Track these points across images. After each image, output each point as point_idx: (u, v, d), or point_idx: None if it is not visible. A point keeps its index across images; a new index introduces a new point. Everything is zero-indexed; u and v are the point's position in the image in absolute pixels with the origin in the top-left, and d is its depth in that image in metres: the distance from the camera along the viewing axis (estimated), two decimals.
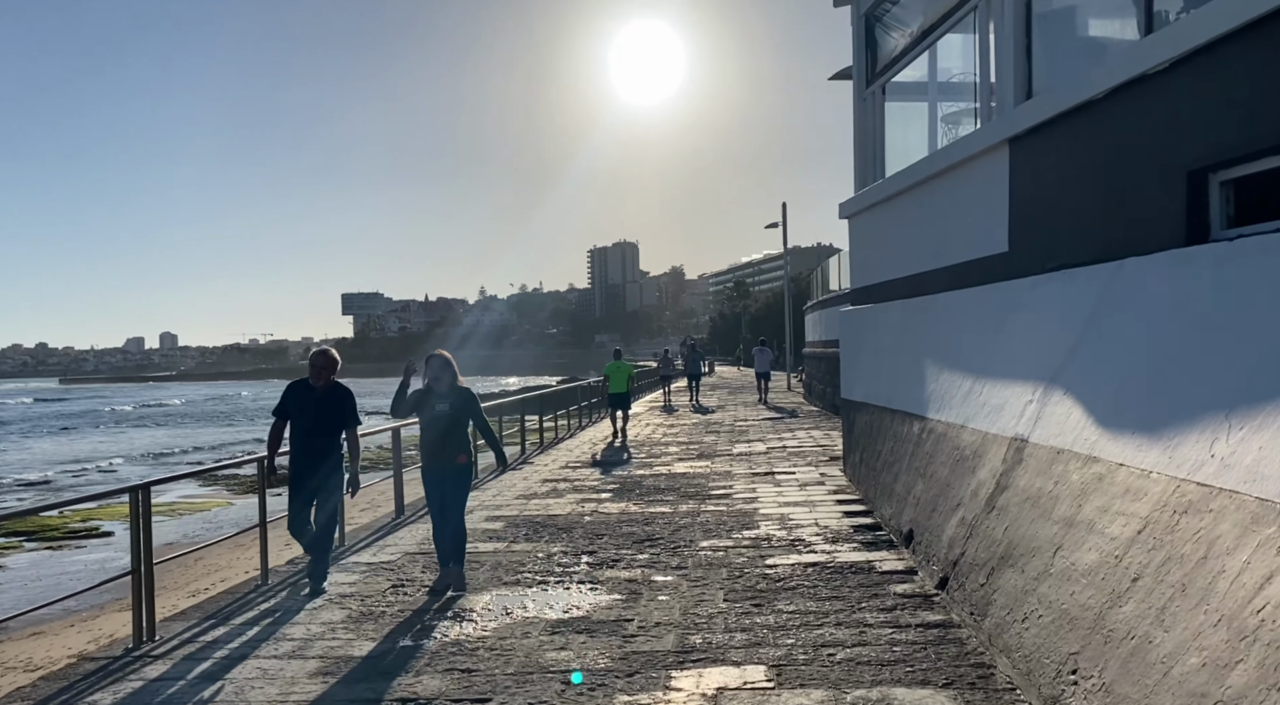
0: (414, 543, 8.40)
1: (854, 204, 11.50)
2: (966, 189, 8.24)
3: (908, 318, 9.47)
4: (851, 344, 11.85)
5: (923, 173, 9.17)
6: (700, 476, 12.16)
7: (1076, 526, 4.72)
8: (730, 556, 7.45)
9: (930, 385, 8.31)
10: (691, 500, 10.25)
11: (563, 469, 13.50)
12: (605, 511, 9.72)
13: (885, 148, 11.46)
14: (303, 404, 6.73)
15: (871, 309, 10.80)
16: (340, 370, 7.00)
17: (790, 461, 13.35)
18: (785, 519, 8.95)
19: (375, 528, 9.26)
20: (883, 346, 10.26)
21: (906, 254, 9.78)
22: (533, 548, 8.01)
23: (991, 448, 6.43)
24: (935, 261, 8.89)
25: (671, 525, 8.84)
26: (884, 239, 10.67)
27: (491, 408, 17.22)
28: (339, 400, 6.81)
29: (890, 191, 10.17)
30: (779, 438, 16.94)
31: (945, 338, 8.34)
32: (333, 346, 7.34)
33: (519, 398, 17.55)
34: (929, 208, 9.17)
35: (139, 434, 56.44)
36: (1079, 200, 6.38)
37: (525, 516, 9.53)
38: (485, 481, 12.42)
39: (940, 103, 10.73)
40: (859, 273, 11.71)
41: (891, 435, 9.26)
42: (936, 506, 7.10)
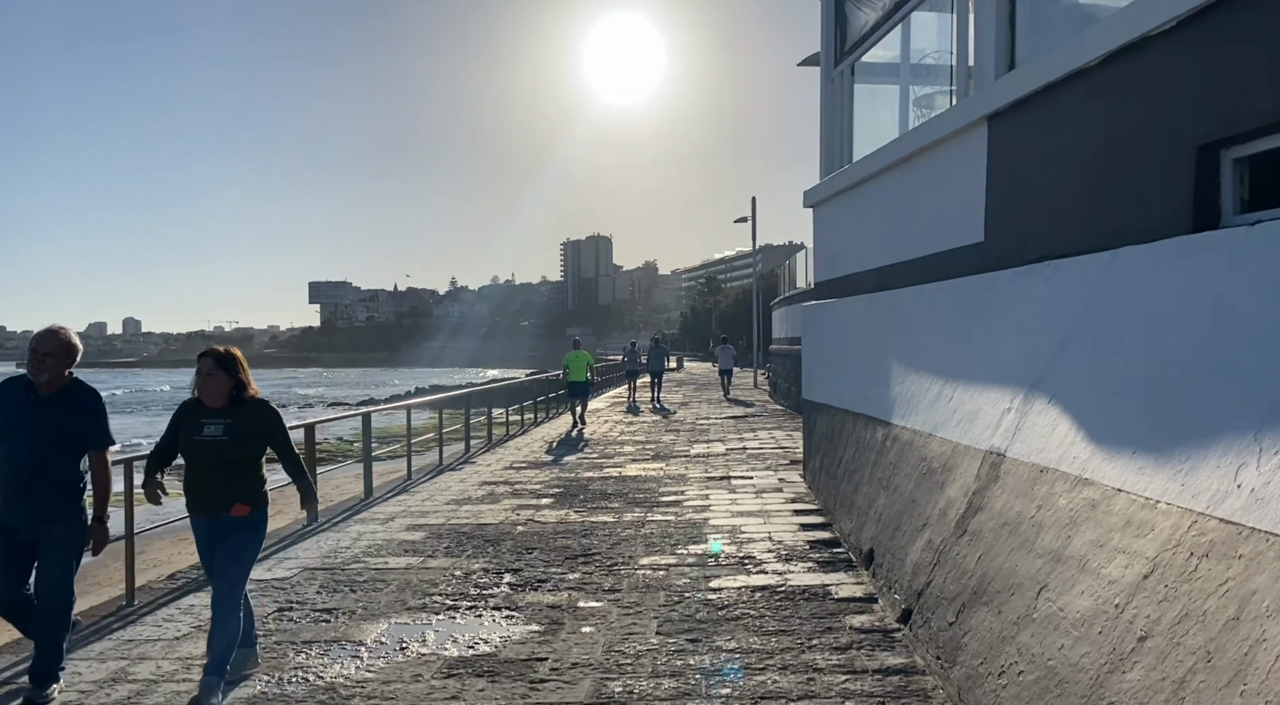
0: (321, 553, 7.50)
1: (819, 191, 10.73)
2: (939, 173, 7.47)
3: (873, 314, 8.71)
4: (814, 341, 11.09)
5: (892, 156, 8.39)
6: (652, 480, 11.35)
7: (1065, 562, 3.95)
8: (671, 577, 6.64)
9: (895, 388, 7.56)
10: (638, 508, 9.43)
11: (506, 469, 12.62)
12: (542, 520, 8.87)
13: (854, 132, 10.70)
14: (14, 415, 4.36)
15: (835, 304, 10.03)
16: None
17: (749, 465, 12.58)
18: (737, 532, 8.15)
19: (284, 534, 8.34)
20: (846, 344, 9.50)
21: (873, 245, 9.01)
22: (451, 564, 7.14)
23: (963, 461, 5.67)
24: (904, 253, 8.12)
25: (612, 538, 8.01)
26: (850, 229, 9.90)
27: (434, 403, 16.58)
28: (75, 409, 4.44)
29: (857, 177, 9.40)
30: (739, 438, 16.18)
31: (912, 336, 7.58)
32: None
33: (463, 392, 16.60)
34: (898, 195, 8.41)
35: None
36: (1066, 183, 5.62)
37: (451, 526, 8.66)
38: (418, 484, 11.52)
39: (913, 86, 9.98)
40: (823, 265, 10.94)
41: (853, 441, 8.49)
42: (900, 524, 6.34)
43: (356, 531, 8.42)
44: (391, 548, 7.70)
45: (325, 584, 6.54)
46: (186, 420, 4.53)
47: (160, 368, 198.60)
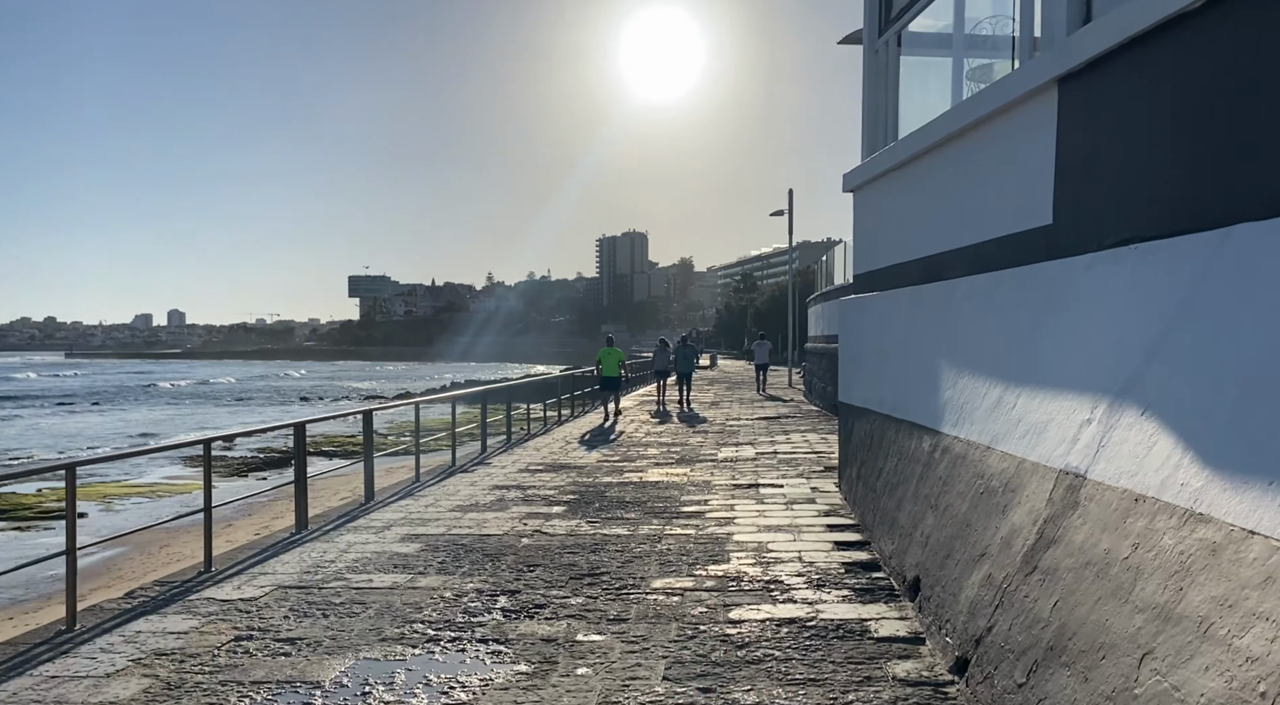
0: (302, 568, 6.78)
1: (860, 174, 9.82)
2: (999, 147, 6.55)
3: (919, 308, 7.81)
4: (852, 338, 10.18)
5: (942, 131, 7.46)
6: (674, 487, 10.52)
7: (1178, 624, 3.08)
8: (686, 605, 5.82)
9: (946, 392, 6.66)
10: (656, 520, 8.61)
11: (520, 472, 11.87)
12: (550, 532, 8.09)
13: (899, 109, 9.78)
14: None
15: (876, 298, 9.13)
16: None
17: (779, 471, 11.70)
18: (763, 550, 7.31)
19: (268, 544, 7.65)
20: (888, 342, 8.60)
21: (920, 231, 8.09)
22: (442, 583, 6.38)
23: (1030, 481, 4.78)
24: (956, 239, 7.20)
25: (624, 554, 7.21)
26: (894, 214, 8.98)
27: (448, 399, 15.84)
28: None
29: (903, 157, 8.48)
30: (770, 441, 15.28)
31: (967, 333, 6.67)
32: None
33: (480, 389, 15.86)
34: (949, 174, 7.49)
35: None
36: (1158, 152, 4.69)
37: (451, 536, 7.91)
38: (426, 486, 10.81)
39: (967, 58, 9.04)
40: (863, 255, 10.03)
41: (896, 450, 7.60)
42: (952, 551, 5.46)
43: (346, 542, 7.71)
44: (380, 562, 6.97)
45: (297, 606, 5.81)
46: None
47: (204, 358, 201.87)
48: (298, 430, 8.18)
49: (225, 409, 60.87)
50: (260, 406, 62.63)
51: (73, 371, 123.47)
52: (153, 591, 6.11)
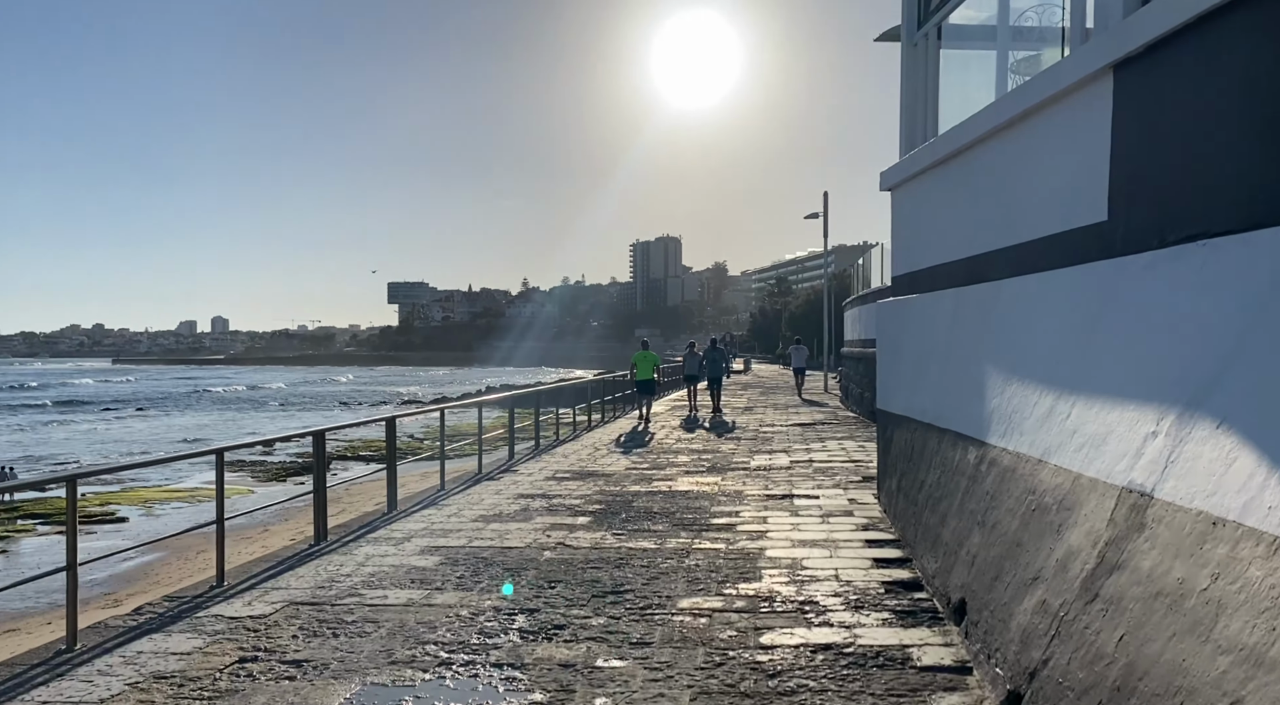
0: (316, 582, 6.55)
1: (898, 171, 9.42)
2: (1047, 140, 6.14)
3: (962, 311, 7.40)
4: (890, 343, 9.77)
5: (986, 125, 7.06)
6: (704, 497, 10.17)
7: (1273, 670, 2.69)
8: (714, 627, 5.48)
9: (992, 400, 6.26)
10: (685, 532, 8.27)
11: (547, 480, 11.59)
12: (574, 544, 7.79)
13: (939, 102, 9.37)
14: None
15: (916, 300, 8.72)
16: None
17: (815, 481, 11.30)
18: (798, 567, 6.94)
19: (285, 556, 7.43)
20: (929, 346, 8.19)
21: (963, 230, 7.68)
22: (459, 601, 6.10)
23: (1088, 499, 4.38)
24: (1001, 239, 6.80)
25: (650, 570, 6.88)
26: (934, 212, 8.58)
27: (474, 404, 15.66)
28: None
29: (944, 152, 8.08)
30: (806, 449, 14.86)
31: (1014, 338, 6.27)
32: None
33: (508, 394, 15.61)
34: (993, 170, 7.08)
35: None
36: (1228, 141, 4.29)
37: (471, 549, 7.64)
38: (450, 495, 10.57)
39: (1012, 50, 8.63)
40: (902, 256, 9.62)
41: (938, 462, 7.20)
42: (1001, 573, 5.07)
43: (365, 554, 7.47)
44: (397, 577, 6.71)
45: (307, 625, 5.56)
46: None
47: (246, 364, 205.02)
48: (317, 439, 7.97)
49: (265, 414, 61.67)
50: (300, 411, 63.44)
51: (123, 377, 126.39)
52: (161, 607, 5.90)
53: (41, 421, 54.42)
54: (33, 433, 47.61)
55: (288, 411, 63.84)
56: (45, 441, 42.34)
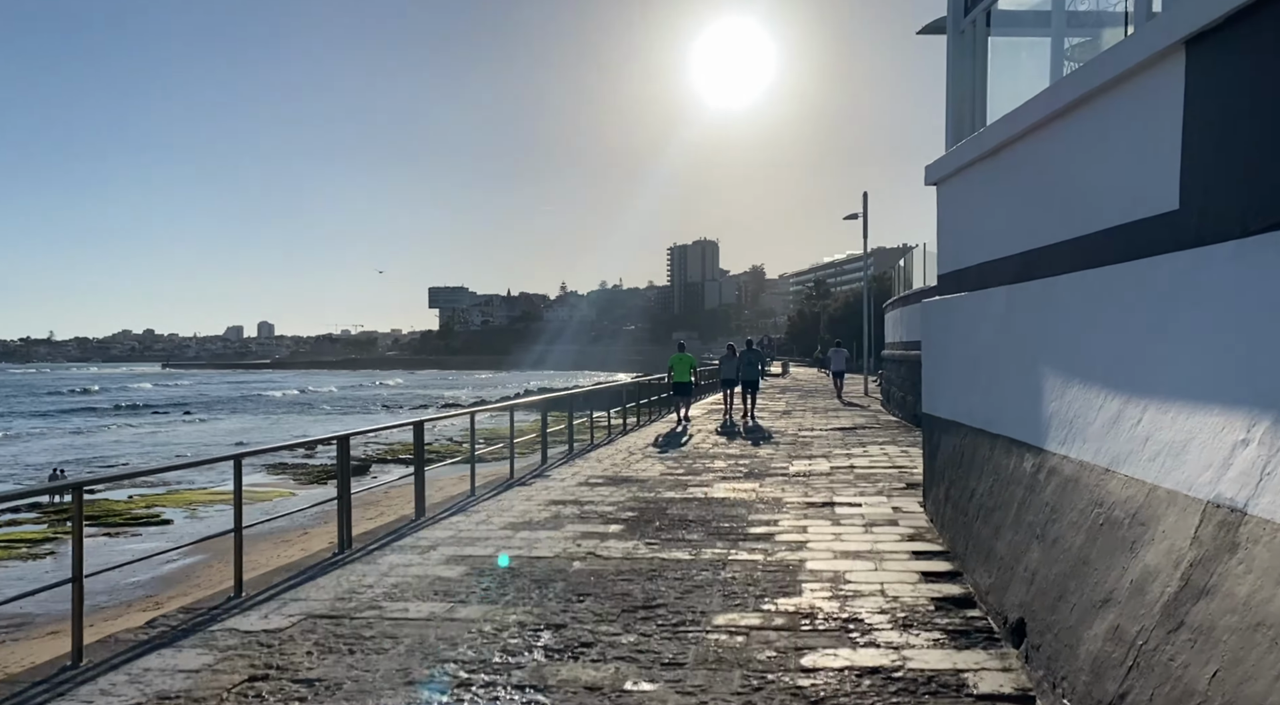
0: (337, 593, 6.30)
1: (944, 164, 8.98)
2: (1109, 126, 5.71)
3: (1015, 309, 6.96)
4: (937, 344, 9.33)
5: (1041, 111, 6.63)
6: (741, 505, 9.80)
7: None
8: (752, 647, 5.12)
9: (1050, 403, 5.83)
10: (721, 542, 7.91)
11: (579, 486, 11.30)
12: (605, 554, 7.47)
13: (988, 92, 8.93)
14: None
15: (964, 299, 8.29)
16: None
17: (857, 488, 10.87)
18: (840, 580, 6.55)
19: (308, 565, 7.20)
20: (979, 347, 7.75)
21: (1015, 225, 7.25)
22: (483, 614, 5.81)
23: (1167, 514, 3.97)
24: (1057, 232, 6.37)
25: (684, 583, 6.54)
26: (983, 206, 8.14)
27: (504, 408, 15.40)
28: None
29: (994, 143, 7.64)
30: (847, 454, 14.40)
31: (1074, 337, 5.83)
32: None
33: (541, 397, 15.33)
34: (1049, 159, 6.65)
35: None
36: None
37: (499, 558, 7.36)
38: (481, 500, 10.31)
39: (1069, 37, 8.18)
40: (949, 253, 9.18)
41: (990, 470, 6.77)
42: (1066, 592, 4.65)
43: (389, 563, 7.22)
44: (420, 588, 6.44)
45: (323, 640, 5.30)
46: None
47: (291, 369, 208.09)
48: (341, 444, 7.74)
49: (310, 417, 62.31)
50: (343, 415, 64.22)
51: (176, 382, 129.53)
52: (175, 620, 5.68)
53: (103, 424, 55.56)
54: (92, 435, 48.65)
55: (331, 415, 64.55)
56: (97, 445, 43.18)
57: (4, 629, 11.96)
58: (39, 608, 12.72)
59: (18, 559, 16.54)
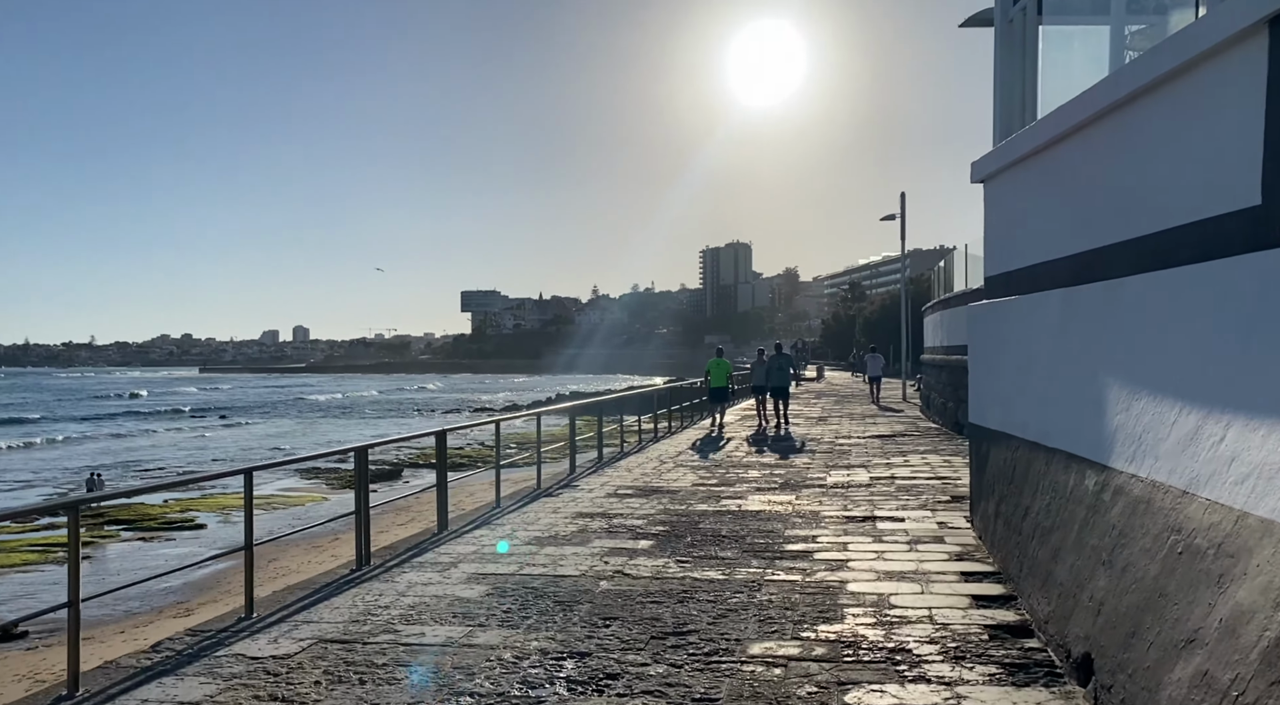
0: (351, 615, 6.00)
1: (992, 160, 8.52)
2: (1179, 115, 5.24)
3: (1072, 314, 6.49)
4: (984, 350, 8.86)
5: (1101, 101, 6.16)
6: (777, 519, 9.39)
7: None
8: (790, 681, 4.73)
9: (1115, 416, 5.37)
10: (756, 560, 7.51)
11: (608, 497, 10.94)
12: (634, 573, 7.10)
13: (1039, 84, 8.46)
14: None
15: (1015, 303, 7.82)
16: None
17: (899, 501, 10.40)
18: (885, 604, 6.13)
19: (324, 583, 6.92)
20: (1032, 354, 7.28)
21: (1070, 223, 6.78)
22: (503, 640, 5.47)
23: (1262, 545, 3.52)
24: (1118, 231, 5.90)
25: (717, 606, 6.15)
26: (1035, 205, 7.67)
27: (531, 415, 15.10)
28: None
29: (1048, 136, 7.18)
30: (887, 463, 13.91)
31: (1142, 343, 5.37)
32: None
33: (568, 405, 14.98)
34: (1110, 153, 6.18)
35: None
36: None
37: (522, 577, 7.02)
38: (505, 513, 10.00)
39: (1128, 25, 7.71)
40: (997, 254, 8.71)
41: (1048, 486, 6.31)
42: (1141, 627, 4.21)
43: (407, 582, 6.91)
44: (438, 610, 6.12)
45: (333, 668, 4.99)
46: None
47: (326, 373, 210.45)
48: (359, 456, 7.45)
49: (346, 422, 62.71)
50: (379, 419, 64.76)
51: (217, 387, 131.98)
52: (180, 644, 5.40)
53: (148, 428, 56.36)
54: (135, 439, 49.35)
55: (369, 420, 65.00)
56: (138, 448, 43.79)
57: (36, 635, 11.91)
58: None
59: (54, 564, 16.64)
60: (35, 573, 16.16)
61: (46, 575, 15.92)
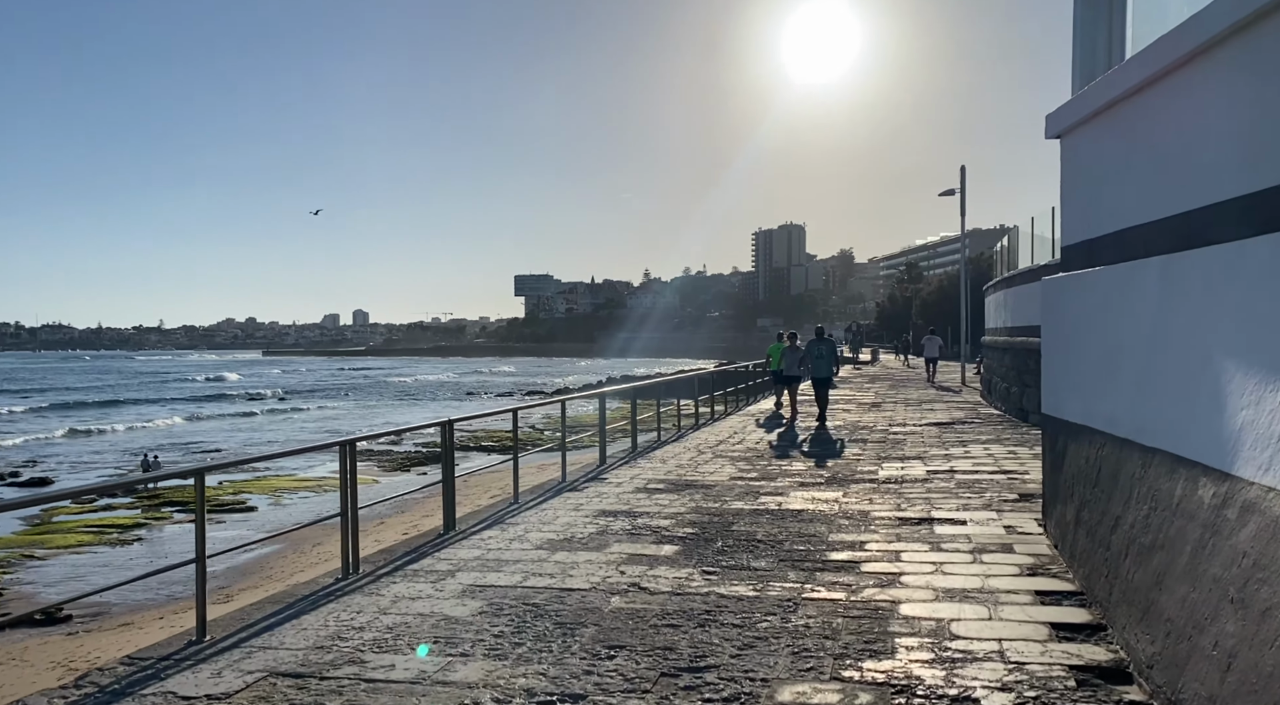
0: (317, 639, 5.19)
1: (1072, 110, 7.36)
2: None
3: (1177, 285, 5.35)
4: (1061, 330, 7.72)
5: (1215, 25, 5.01)
6: (821, 519, 8.38)
7: None
8: None
9: (1239, 412, 4.27)
10: (794, 572, 6.54)
11: (637, 492, 10.03)
12: (652, 587, 6.18)
13: (1127, 17, 7.26)
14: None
15: (1100, 274, 6.68)
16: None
17: (959, 499, 9.31)
18: (944, 633, 5.12)
19: (298, 596, 6.13)
20: (1124, 334, 6.15)
21: (1174, 177, 5.62)
22: (485, 675, 4.60)
23: None
24: (1238, 184, 4.77)
25: (744, 632, 5.20)
26: (1128, 158, 6.50)
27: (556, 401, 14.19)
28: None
29: (1143, 76, 6.01)
30: (945, 454, 12.76)
31: (1275, 319, 4.26)
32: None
33: (602, 391, 14.04)
34: (1227, 89, 5.03)
35: None
36: None
37: (524, 590, 6.14)
38: (524, 509, 9.15)
39: None
40: (1077, 219, 7.54)
41: (1145, 495, 5.22)
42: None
43: (393, 595, 6.09)
44: (419, 633, 5.27)
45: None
46: None
47: (385, 356, 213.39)
48: (343, 450, 6.62)
49: (391, 405, 62.93)
50: (432, 401, 65.23)
51: (295, 368, 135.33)
52: (108, 677, 4.63)
53: (249, 411, 56.92)
54: (239, 421, 49.76)
55: (420, 402, 65.28)
56: (243, 428, 44.64)
57: None
58: (117, 597, 12.36)
59: (105, 545, 16.42)
60: (87, 554, 15.89)
61: (98, 557, 15.63)
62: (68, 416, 52.48)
